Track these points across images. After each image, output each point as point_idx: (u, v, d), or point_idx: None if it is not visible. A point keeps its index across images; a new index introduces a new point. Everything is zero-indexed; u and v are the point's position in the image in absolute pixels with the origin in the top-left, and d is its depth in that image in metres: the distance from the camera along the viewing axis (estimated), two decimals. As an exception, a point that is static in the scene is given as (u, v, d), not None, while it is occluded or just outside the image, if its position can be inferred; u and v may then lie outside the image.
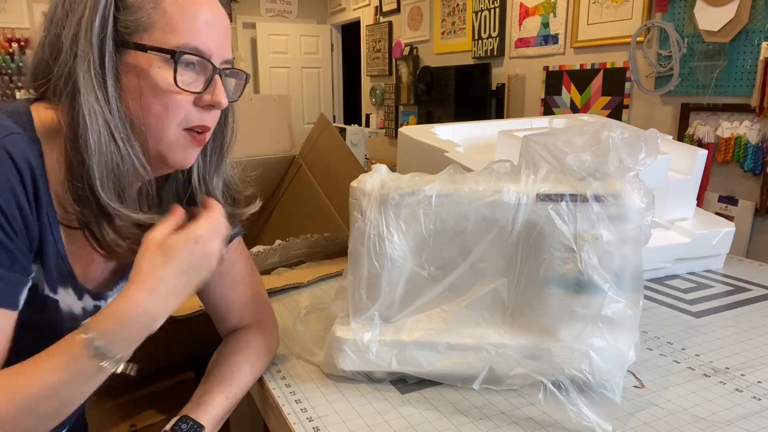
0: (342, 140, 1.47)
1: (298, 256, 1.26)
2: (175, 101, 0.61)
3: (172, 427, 0.64)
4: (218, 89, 0.64)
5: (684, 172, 1.20)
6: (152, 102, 0.61)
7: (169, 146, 0.64)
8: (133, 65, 0.60)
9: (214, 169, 0.73)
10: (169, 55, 0.59)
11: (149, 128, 0.62)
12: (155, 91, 0.60)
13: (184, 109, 0.62)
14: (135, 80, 0.60)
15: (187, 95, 0.62)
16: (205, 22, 0.61)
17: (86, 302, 0.68)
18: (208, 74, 0.63)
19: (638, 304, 0.69)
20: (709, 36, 2.55)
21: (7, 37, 5.53)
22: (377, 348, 0.72)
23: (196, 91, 0.62)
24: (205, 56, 0.62)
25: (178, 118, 0.62)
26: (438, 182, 0.71)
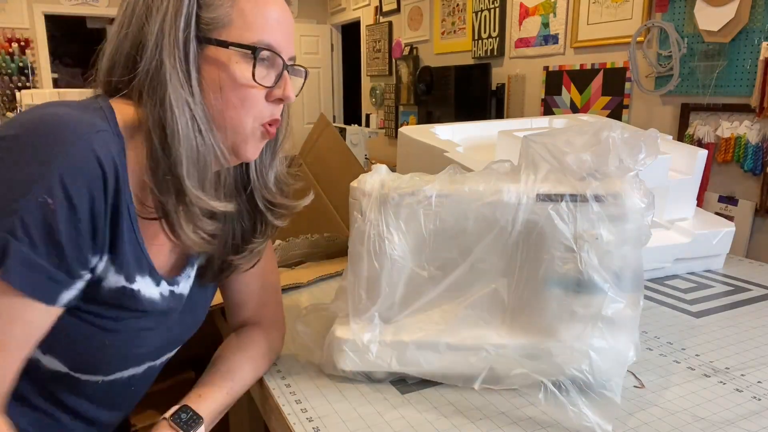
0: (342, 140, 1.47)
1: (298, 256, 1.26)
2: (251, 95, 0.64)
3: (171, 416, 0.65)
4: (288, 84, 0.67)
5: (684, 172, 1.20)
6: (230, 95, 0.64)
7: (245, 139, 0.66)
8: (214, 60, 0.63)
9: (269, 163, 0.76)
10: (248, 50, 0.62)
11: (227, 121, 0.65)
12: (234, 85, 0.63)
13: (259, 103, 0.65)
14: (215, 74, 0.63)
15: (261, 90, 0.65)
16: (277, 20, 0.65)
17: (162, 288, 0.69)
18: (279, 69, 0.66)
19: (638, 304, 0.69)
20: (709, 36, 2.55)
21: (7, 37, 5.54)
22: (377, 348, 0.72)
23: (269, 85, 0.65)
24: (275, 51, 0.65)
25: (254, 111, 0.65)
26: (438, 182, 0.71)
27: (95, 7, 5.94)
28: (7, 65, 5.55)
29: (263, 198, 0.76)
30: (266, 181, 0.76)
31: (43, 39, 5.77)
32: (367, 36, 5.96)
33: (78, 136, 0.54)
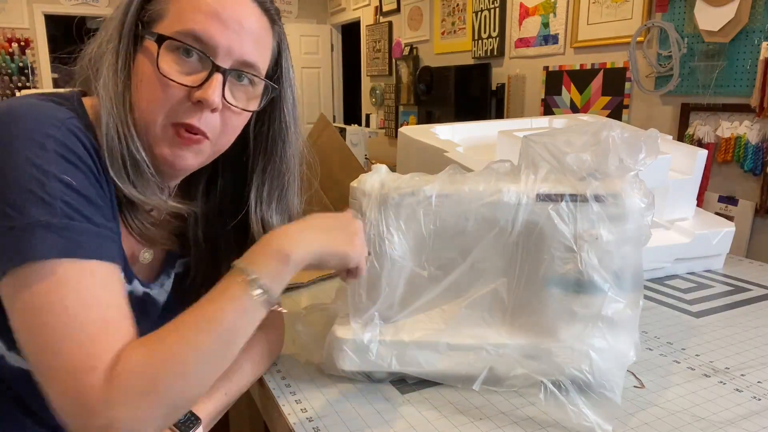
0: (342, 140, 1.47)
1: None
2: (163, 91, 0.61)
3: None
4: (210, 86, 0.61)
5: (684, 172, 1.20)
6: (143, 88, 0.61)
7: (156, 140, 0.63)
8: (143, 52, 0.61)
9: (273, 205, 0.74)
10: (161, 40, 0.60)
11: (142, 116, 0.62)
12: (146, 77, 0.61)
13: (171, 102, 0.61)
14: (138, 67, 0.62)
15: (176, 88, 0.61)
16: (218, 15, 0.61)
17: (135, 287, 0.69)
18: (209, 68, 0.61)
19: (638, 304, 0.69)
20: (709, 36, 2.55)
21: (7, 37, 5.54)
22: (377, 348, 0.72)
23: (185, 83, 0.61)
24: (202, 48, 0.61)
25: (166, 109, 0.61)
26: (438, 182, 0.71)
27: (95, 7, 5.94)
28: (7, 65, 5.55)
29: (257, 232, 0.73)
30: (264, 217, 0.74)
31: (43, 39, 5.77)
32: (367, 36, 5.96)
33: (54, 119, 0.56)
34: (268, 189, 0.75)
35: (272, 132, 0.74)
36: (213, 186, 0.78)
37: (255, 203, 0.74)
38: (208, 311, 0.55)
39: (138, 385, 0.50)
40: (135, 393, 0.50)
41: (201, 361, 0.54)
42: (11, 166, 0.53)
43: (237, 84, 0.65)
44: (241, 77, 0.65)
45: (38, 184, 0.52)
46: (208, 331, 0.54)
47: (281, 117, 0.73)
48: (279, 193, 0.75)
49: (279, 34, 0.70)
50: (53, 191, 0.53)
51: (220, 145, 0.68)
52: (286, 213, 0.77)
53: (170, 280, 0.75)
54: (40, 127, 0.55)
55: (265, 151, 0.74)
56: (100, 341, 0.52)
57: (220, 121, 0.65)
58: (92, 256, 0.54)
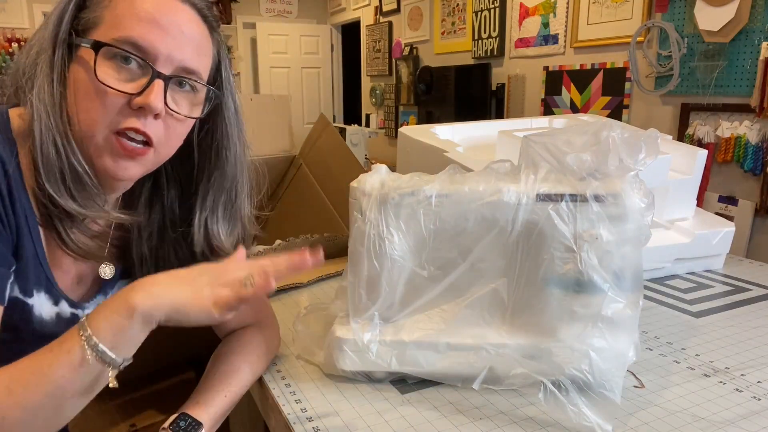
0: (342, 140, 1.47)
1: (298, 256, 1.26)
2: (103, 99, 0.59)
3: (170, 424, 0.63)
4: (151, 92, 0.59)
5: (684, 172, 1.20)
6: (81, 98, 0.59)
7: (97, 150, 0.61)
8: (78, 60, 0.59)
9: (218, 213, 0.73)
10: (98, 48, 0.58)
11: (82, 127, 0.60)
12: (83, 87, 0.59)
13: (112, 109, 0.59)
14: (75, 76, 0.59)
15: (117, 96, 0.59)
16: (155, 21, 0.59)
17: (62, 308, 0.67)
18: (149, 74, 0.59)
19: (638, 304, 0.69)
20: (709, 36, 2.55)
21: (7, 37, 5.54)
22: (377, 348, 0.72)
23: (126, 90, 0.59)
24: (145, 56, 0.59)
25: (107, 118, 0.59)
26: (438, 182, 0.71)
27: (95, 7, 5.93)
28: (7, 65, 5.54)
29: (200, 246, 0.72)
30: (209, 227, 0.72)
31: (43, 39, 5.76)
32: (367, 36, 5.96)
33: None
34: (212, 198, 0.73)
35: (216, 140, 0.72)
36: (157, 197, 0.76)
37: (199, 213, 0.72)
38: (40, 365, 0.52)
39: None
40: None
41: (25, 417, 0.51)
42: None
43: (179, 91, 0.64)
44: (182, 84, 0.64)
45: None
46: (36, 386, 0.51)
47: (224, 125, 0.72)
48: (225, 202, 0.74)
49: (218, 42, 0.69)
50: None
51: (163, 153, 0.66)
52: (235, 222, 0.75)
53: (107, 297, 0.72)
54: None
55: (209, 159, 0.73)
56: None
57: (163, 129, 0.63)
58: None
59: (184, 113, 0.65)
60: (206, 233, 0.73)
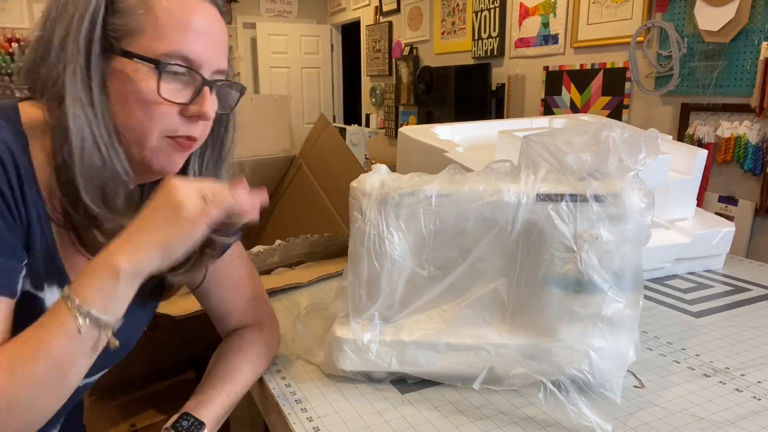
0: (342, 140, 1.47)
1: (298, 256, 1.27)
2: (160, 111, 0.60)
3: (173, 424, 0.63)
4: (205, 101, 0.62)
5: (684, 172, 1.20)
6: (136, 109, 0.60)
7: (153, 152, 0.62)
8: (120, 71, 0.59)
9: (210, 176, 0.72)
10: (153, 64, 0.58)
11: (133, 134, 0.61)
12: (139, 99, 0.59)
13: (169, 119, 0.61)
14: (120, 86, 0.59)
15: (172, 106, 0.60)
16: (196, 30, 0.60)
17: None
18: (197, 85, 0.61)
19: (638, 304, 0.69)
20: (709, 36, 2.55)
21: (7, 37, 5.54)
22: (377, 348, 0.72)
23: (182, 102, 0.61)
24: (193, 67, 0.60)
25: (162, 126, 0.61)
26: (438, 182, 0.71)
27: (95, 7, 5.93)
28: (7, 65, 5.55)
29: None
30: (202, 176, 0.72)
31: (43, 39, 5.76)
32: (367, 36, 5.96)
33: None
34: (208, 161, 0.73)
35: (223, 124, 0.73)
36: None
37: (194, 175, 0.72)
38: (38, 339, 0.53)
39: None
40: None
41: (30, 391, 0.52)
42: None
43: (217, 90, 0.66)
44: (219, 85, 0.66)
45: None
46: (37, 361, 0.52)
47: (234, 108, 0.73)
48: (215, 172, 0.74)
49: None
50: None
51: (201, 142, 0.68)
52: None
53: None
54: None
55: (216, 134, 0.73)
56: None
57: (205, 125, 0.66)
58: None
59: (222, 111, 0.67)
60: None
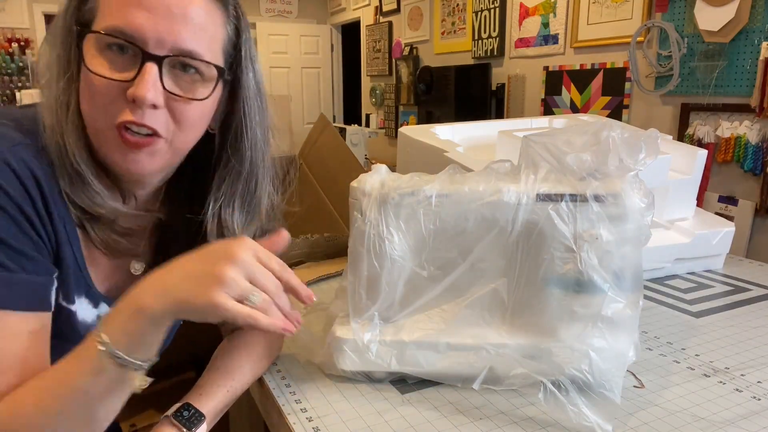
0: (342, 140, 1.47)
1: (298, 256, 1.26)
2: (97, 89, 0.57)
3: (174, 413, 0.63)
4: (143, 78, 0.56)
5: (684, 172, 1.20)
6: (84, 93, 0.59)
7: (107, 146, 0.60)
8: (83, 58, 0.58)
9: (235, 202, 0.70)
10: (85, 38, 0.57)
11: (88, 121, 0.59)
12: (85, 80, 0.58)
13: (107, 100, 0.57)
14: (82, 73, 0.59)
15: (110, 84, 0.57)
16: (141, 4, 0.56)
17: (101, 309, 0.68)
18: (138, 62, 0.57)
19: (638, 304, 0.69)
20: (709, 36, 2.55)
21: (7, 37, 5.54)
22: (377, 348, 0.72)
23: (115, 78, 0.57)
24: (131, 40, 0.56)
25: (103, 109, 0.58)
26: (438, 182, 0.71)
27: (95, 7, 5.93)
28: (7, 65, 5.54)
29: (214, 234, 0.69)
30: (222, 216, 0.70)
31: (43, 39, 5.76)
32: (367, 36, 5.96)
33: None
34: (228, 186, 0.69)
35: (234, 123, 0.68)
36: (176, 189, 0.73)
37: (213, 202, 0.69)
38: (65, 374, 0.54)
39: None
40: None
41: (57, 423, 0.53)
42: None
43: (182, 75, 0.61)
44: (186, 67, 0.60)
45: None
46: (62, 397, 0.53)
47: (243, 106, 0.68)
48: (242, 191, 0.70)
49: (235, 16, 0.65)
50: None
51: (179, 142, 0.63)
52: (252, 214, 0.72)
53: None
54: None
55: (226, 144, 0.69)
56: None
57: (169, 116, 0.60)
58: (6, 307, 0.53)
59: (185, 95, 0.61)
60: (219, 224, 0.69)
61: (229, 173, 0.69)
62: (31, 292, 0.55)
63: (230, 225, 0.70)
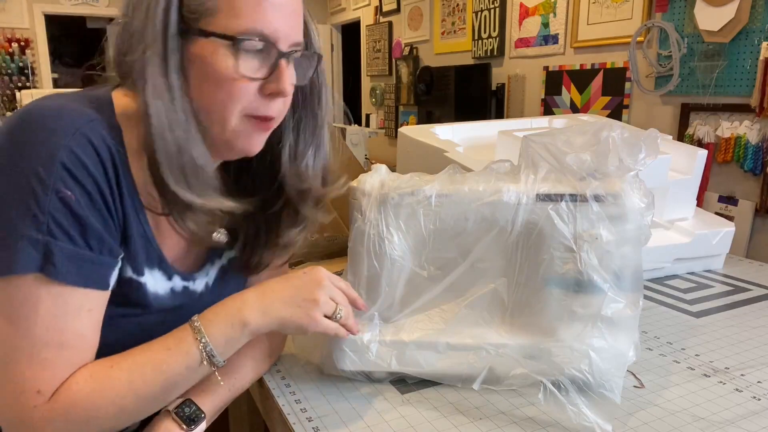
0: (342, 140, 1.47)
1: (297, 256, 1.26)
2: (238, 89, 0.60)
3: (175, 408, 0.64)
4: (282, 76, 0.62)
5: (684, 172, 1.20)
6: (215, 90, 0.60)
7: (234, 134, 0.63)
8: (198, 53, 0.59)
9: (308, 147, 0.73)
10: (230, 41, 0.58)
11: (213, 116, 0.62)
12: (219, 79, 0.60)
13: (248, 97, 0.62)
14: (200, 68, 0.60)
15: (251, 83, 0.61)
16: (272, 4, 0.60)
17: (175, 282, 0.69)
18: (273, 59, 0.61)
19: (638, 304, 0.69)
20: (709, 36, 2.55)
21: (7, 37, 5.54)
22: (377, 348, 0.72)
23: (260, 77, 0.61)
24: (269, 41, 0.60)
25: (242, 105, 0.62)
26: (438, 182, 0.71)
27: (95, 7, 5.94)
28: (7, 65, 5.54)
29: (294, 187, 0.73)
30: (301, 167, 0.73)
31: (43, 39, 5.77)
32: (367, 36, 5.95)
33: (70, 126, 0.55)
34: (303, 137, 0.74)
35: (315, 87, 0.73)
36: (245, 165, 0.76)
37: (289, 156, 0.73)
38: (159, 359, 0.59)
39: (79, 415, 0.55)
40: (73, 421, 0.55)
41: (140, 404, 0.59)
42: (17, 174, 0.53)
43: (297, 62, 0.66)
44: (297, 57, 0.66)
45: (34, 197, 0.53)
46: (154, 380, 0.58)
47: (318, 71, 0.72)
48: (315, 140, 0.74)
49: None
50: (46, 206, 0.53)
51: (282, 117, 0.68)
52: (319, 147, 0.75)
53: (216, 266, 0.75)
54: (53, 136, 0.54)
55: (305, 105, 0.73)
56: (53, 366, 0.54)
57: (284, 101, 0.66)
58: (67, 280, 0.54)
59: (300, 83, 0.67)
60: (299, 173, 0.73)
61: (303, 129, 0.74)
62: (94, 270, 0.57)
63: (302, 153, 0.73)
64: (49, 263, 0.53)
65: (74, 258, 0.55)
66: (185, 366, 0.59)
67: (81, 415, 0.55)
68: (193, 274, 0.72)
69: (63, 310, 0.55)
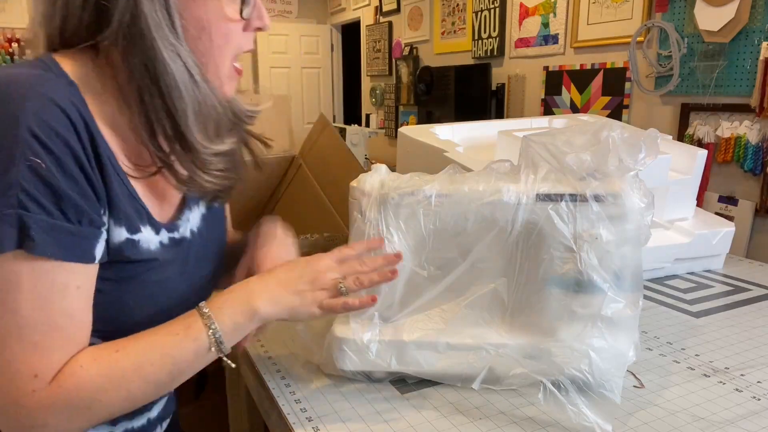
0: (342, 140, 1.47)
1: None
2: (231, 31, 0.62)
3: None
4: (263, 12, 0.64)
5: (684, 172, 1.20)
6: (215, 35, 0.61)
7: (224, 81, 0.65)
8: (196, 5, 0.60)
9: None
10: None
11: (210, 63, 0.62)
12: (219, 23, 0.61)
13: (237, 38, 0.64)
14: (199, 14, 0.60)
15: (238, 23, 0.63)
16: None
17: (162, 236, 0.67)
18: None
19: (638, 304, 0.69)
20: (709, 36, 2.55)
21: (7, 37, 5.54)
22: (377, 348, 0.72)
23: (245, 17, 0.63)
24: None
25: (233, 47, 0.63)
26: (438, 182, 0.71)
27: (95, 7, 5.93)
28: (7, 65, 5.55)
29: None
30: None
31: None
32: (367, 36, 5.96)
33: (32, 89, 0.52)
34: None
35: None
36: None
37: None
38: (167, 344, 0.58)
39: (83, 399, 0.53)
40: (76, 406, 0.53)
41: (147, 389, 0.58)
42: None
43: None
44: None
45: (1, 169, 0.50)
46: (161, 366, 0.57)
47: None
48: None
49: None
50: (14, 178, 0.49)
51: None
52: None
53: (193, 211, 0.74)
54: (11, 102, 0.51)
55: None
56: (45, 349, 0.52)
57: None
58: (47, 254, 0.51)
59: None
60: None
61: None
62: (75, 243, 0.54)
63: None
64: (26, 238, 0.49)
65: (52, 230, 0.51)
66: (193, 352, 0.59)
67: (85, 399, 0.53)
68: (174, 223, 0.70)
69: (49, 289, 0.52)
